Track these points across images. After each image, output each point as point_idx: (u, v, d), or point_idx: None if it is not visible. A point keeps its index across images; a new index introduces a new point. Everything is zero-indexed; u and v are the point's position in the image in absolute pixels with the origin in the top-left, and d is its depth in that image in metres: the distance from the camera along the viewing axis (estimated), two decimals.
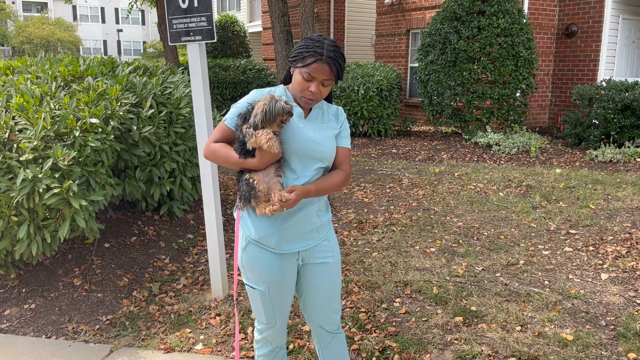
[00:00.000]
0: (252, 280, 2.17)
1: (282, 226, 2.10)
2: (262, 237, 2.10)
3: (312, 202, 2.13)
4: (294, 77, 2.05)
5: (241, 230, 2.16)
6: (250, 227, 2.11)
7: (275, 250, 2.12)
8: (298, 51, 2.02)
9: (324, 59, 1.97)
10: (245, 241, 2.14)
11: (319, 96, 2.04)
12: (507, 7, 9.28)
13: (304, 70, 1.99)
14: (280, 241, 2.11)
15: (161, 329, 3.45)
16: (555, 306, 3.58)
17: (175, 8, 3.42)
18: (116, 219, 4.78)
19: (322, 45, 1.99)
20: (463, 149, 9.29)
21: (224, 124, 2.08)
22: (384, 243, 4.85)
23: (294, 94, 2.08)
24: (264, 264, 2.13)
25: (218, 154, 2.05)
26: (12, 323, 3.57)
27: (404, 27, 13.26)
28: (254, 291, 2.19)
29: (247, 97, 2.08)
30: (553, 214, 5.56)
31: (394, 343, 3.16)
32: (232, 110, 2.08)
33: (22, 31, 38.30)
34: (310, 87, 2.00)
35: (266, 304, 2.20)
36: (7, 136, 3.43)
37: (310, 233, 2.17)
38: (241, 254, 2.16)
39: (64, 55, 5.11)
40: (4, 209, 3.36)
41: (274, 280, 2.15)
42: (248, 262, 2.14)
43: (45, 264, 4.12)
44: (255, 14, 22.84)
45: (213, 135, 2.09)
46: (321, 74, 1.98)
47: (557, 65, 11.36)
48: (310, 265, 2.22)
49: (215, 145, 2.06)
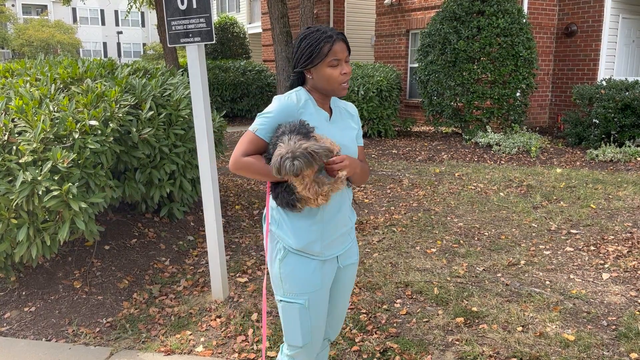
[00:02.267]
0: (292, 293, 2.06)
1: (324, 230, 2.05)
2: (305, 245, 2.02)
3: (346, 201, 2.12)
4: (320, 76, 1.99)
5: (275, 242, 2.06)
6: (290, 236, 2.02)
7: (318, 257, 2.06)
8: (309, 50, 1.96)
9: (335, 38, 1.96)
10: (282, 252, 2.04)
11: (350, 74, 2.03)
12: (506, 7, 9.28)
13: (330, 59, 1.95)
14: (323, 247, 2.06)
15: (161, 331, 3.45)
16: (556, 306, 3.57)
17: (174, 9, 3.42)
18: (116, 221, 4.78)
19: (324, 30, 1.98)
20: (463, 149, 9.28)
21: (254, 134, 1.95)
22: (384, 244, 4.84)
23: (327, 88, 2.01)
24: (307, 273, 2.04)
25: (254, 168, 1.94)
26: (12, 326, 3.56)
27: (404, 27, 13.26)
28: (291, 306, 2.07)
29: (270, 107, 1.99)
30: (554, 214, 5.55)
31: (395, 344, 3.15)
32: (262, 121, 1.96)
33: (22, 34, 38.32)
34: (341, 71, 1.98)
35: (304, 320, 2.08)
36: (6, 138, 3.43)
37: (345, 235, 2.16)
38: (279, 267, 2.05)
39: (64, 58, 5.11)
40: (4, 211, 3.35)
41: (316, 289, 2.07)
42: (288, 274, 2.04)
43: (45, 266, 4.11)
44: (255, 15, 22.85)
45: (242, 146, 1.96)
46: (342, 52, 1.98)
47: (557, 64, 11.35)
48: (342, 269, 2.20)
49: (249, 160, 1.94)
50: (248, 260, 4.51)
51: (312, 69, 1.99)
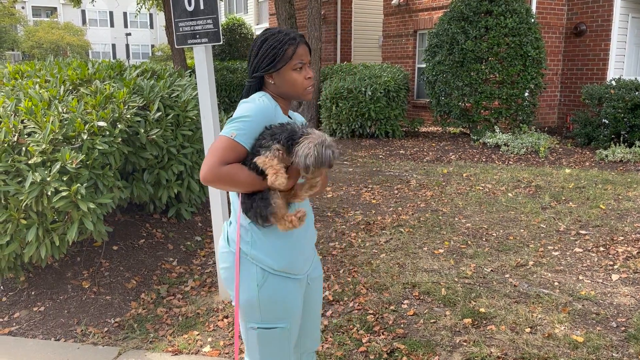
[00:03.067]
0: (271, 319, 1.87)
1: (303, 246, 1.92)
2: (287, 264, 1.86)
3: (311, 210, 2.03)
4: (284, 80, 1.86)
5: (249, 266, 1.85)
6: (270, 256, 1.84)
7: (297, 275, 1.91)
8: (272, 53, 1.83)
9: (299, 40, 1.86)
10: (260, 276, 1.84)
11: (313, 78, 1.93)
12: (514, 7, 9.24)
13: (294, 63, 1.84)
14: (304, 263, 1.94)
15: (169, 331, 3.46)
16: (565, 307, 3.55)
17: (181, 11, 3.43)
18: (124, 221, 4.80)
19: (287, 32, 1.87)
20: (471, 149, 9.25)
21: (233, 140, 1.73)
22: (391, 244, 4.83)
23: (291, 93, 1.90)
24: (288, 295, 1.87)
25: (238, 178, 1.73)
26: (22, 325, 3.59)
27: (411, 27, 13.24)
28: (271, 332, 1.88)
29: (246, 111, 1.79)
30: (563, 215, 5.51)
31: (402, 345, 3.15)
32: (239, 125, 1.76)
33: (31, 36, 38.65)
34: (305, 75, 1.88)
35: (285, 344, 1.92)
36: (15, 140, 3.46)
37: (312, 249, 2.05)
38: (257, 294, 1.84)
39: (73, 59, 5.14)
40: (13, 212, 3.38)
41: (297, 311, 1.92)
42: (268, 299, 1.85)
43: (54, 266, 4.14)
44: (263, 16, 22.89)
45: (218, 154, 1.72)
46: (306, 55, 1.88)
47: (565, 64, 11.28)
48: (310, 285, 2.08)
49: (232, 169, 1.72)
50: None
51: (275, 73, 1.86)
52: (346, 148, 9.76)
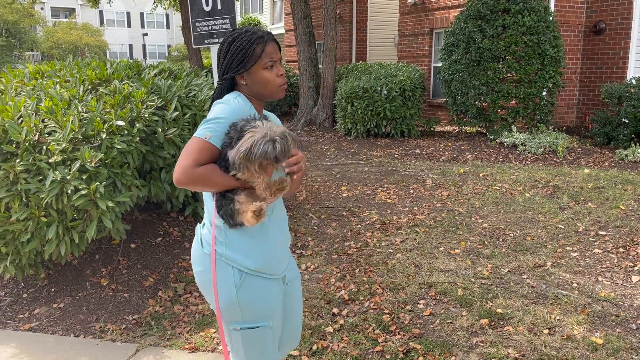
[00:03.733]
0: (253, 318, 1.88)
1: (277, 246, 1.93)
2: (263, 264, 1.87)
3: (285, 214, 2.04)
4: (255, 80, 1.87)
5: (225, 267, 1.84)
6: (246, 256, 1.84)
7: (273, 275, 1.92)
8: (241, 53, 1.83)
9: (267, 38, 1.86)
10: (238, 277, 1.84)
11: (285, 74, 1.93)
12: (532, 5, 9.14)
13: (265, 61, 1.84)
14: (280, 263, 1.95)
15: (186, 328, 3.49)
16: (584, 309, 3.51)
17: (199, 11, 3.46)
18: (142, 220, 4.85)
19: (254, 31, 1.87)
20: (488, 149, 9.17)
21: (206, 142, 1.74)
22: (407, 244, 4.82)
23: (264, 92, 1.90)
24: (267, 293, 1.89)
25: (212, 178, 1.73)
26: (42, 322, 3.65)
27: (427, 26, 13.17)
28: (255, 331, 1.89)
29: (220, 112, 1.80)
30: (581, 215, 5.44)
31: (419, 345, 3.13)
32: (213, 127, 1.77)
33: (50, 36, 39.20)
34: (277, 72, 1.88)
35: (269, 343, 1.93)
36: (36, 139, 3.51)
37: (287, 250, 2.05)
38: (235, 294, 1.83)
39: (92, 59, 5.20)
40: (34, 210, 3.44)
41: (278, 309, 1.94)
42: (248, 299, 1.85)
43: (73, 264, 4.19)
44: (278, 16, 22.95)
45: (192, 156, 1.72)
46: (276, 52, 1.88)
47: (584, 63, 11.14)
48: (288, 286, 2.09)
49: (205, 170, 1.73)
50: None
51: (245, 73, 1.86)
52: (361, 147, 9.74)
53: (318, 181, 7.22)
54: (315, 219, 5.61)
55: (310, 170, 7.92)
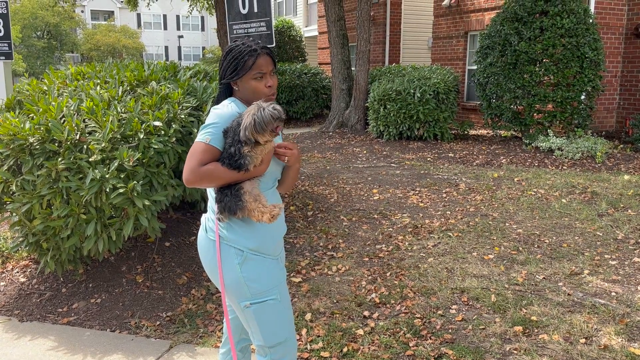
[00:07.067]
0: (260, 292, 2.04)
1: (273, 231, 2.11)
2: (259, 244, 2.05)
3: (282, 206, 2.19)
4: (246, 87, 2.05)
5: (228, 249, 2.03)
6: (245, 236, 2.03)
7: (272, 256, 2.11)
8: (234, 63, 2.03)
9: (260, 52, 2.03)
10: (239, 256, 2.02)
11: (276, 87, 2.10)
12: (572, 7, 8.93)
13: (254, 73, 2.03)
14: (275, 246, 2.13)
15: (218, 327, 3.53)
16: (622, 319, 3.41)
17: (235, 14, 3.51)
18: (176, 219, 4.94)
19: (249, 44, 2.06)
20: (523, 153, 9.00)
21: (207, 144, 1.95)
22: (439, 249, 4.77)
23: (253, 99, 2.06)
24: (270, 269, 2.07)
25: (217, 173, 1.94)
26: (80, 316, 3.75)
27: (462, 29, 13.01)
28: (264, 305, 2.05)
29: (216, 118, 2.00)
30: (621, 222, 5.29)
31: (450, 350, 3.10)
32: (211, 131, 1.97)
33: (90, 38, 40.30)
34: (266, 83, 2.05)
35: (281, 312, 2.09)
36: (78, 138, 3.61)
37: (282, 239, 2.22)
38: (239, 271, 2.02)
39: (130, 61, 5.33)
40: (74, 207, 3.54)
41: (282, 282, 2.12)
42: (251, 274, 2.03)
43: (110, 260, 4.30)
44: (312, 18, 23.04)
45: (196, 157, 1.93)
46: (267, 65, 2.05)
47: (625, 66, 10.82)
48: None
49: (209, 167, 1.93)
50: (302, 260, 4.55)
51: (238, 80, 2.06)
52: (393, 150, 9.69)
53: (349, 183, 7.21)
54: (346, 221, 5.61)
55: (342, 173, 7.92)
